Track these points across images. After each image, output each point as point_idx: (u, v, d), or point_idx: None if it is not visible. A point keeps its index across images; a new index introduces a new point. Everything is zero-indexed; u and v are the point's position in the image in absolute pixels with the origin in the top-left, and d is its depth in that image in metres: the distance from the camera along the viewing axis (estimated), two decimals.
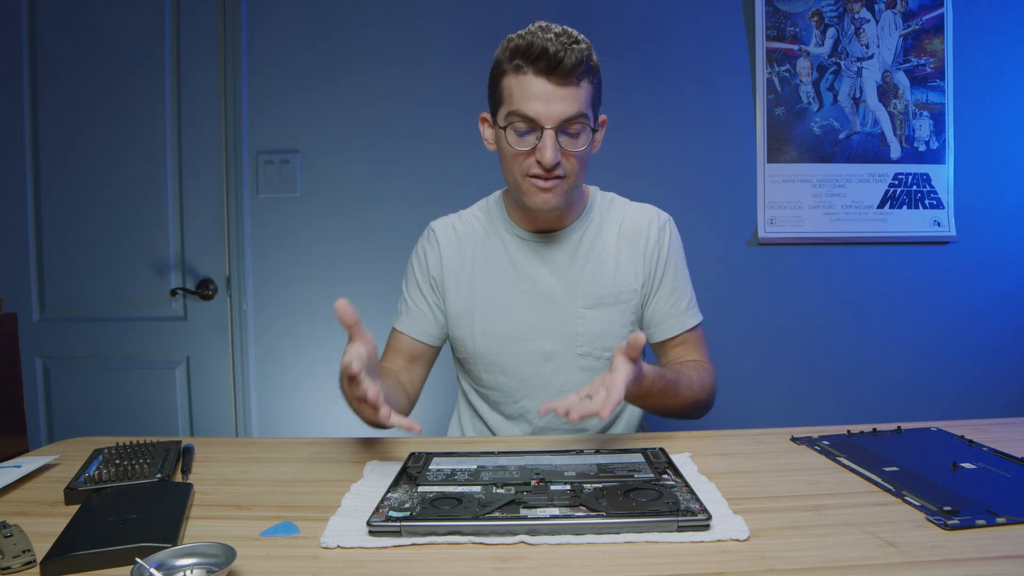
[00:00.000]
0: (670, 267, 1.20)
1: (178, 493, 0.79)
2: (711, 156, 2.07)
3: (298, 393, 2.07)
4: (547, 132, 1.03)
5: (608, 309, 1.17)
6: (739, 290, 2.08)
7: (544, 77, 1.03)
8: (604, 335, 1.17)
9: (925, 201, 2.09)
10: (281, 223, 2.05)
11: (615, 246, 1.20)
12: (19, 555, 0.63)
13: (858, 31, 2.06)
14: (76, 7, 2.02)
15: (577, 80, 1.03)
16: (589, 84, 1.06)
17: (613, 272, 1.18)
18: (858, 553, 0.62)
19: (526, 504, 0.71)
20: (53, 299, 2.07)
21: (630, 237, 1.20)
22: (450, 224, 1.26)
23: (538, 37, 1.02)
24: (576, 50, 1.02)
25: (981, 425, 1.05)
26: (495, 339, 1.18)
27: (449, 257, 1.22)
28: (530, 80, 1.03)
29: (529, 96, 1.03)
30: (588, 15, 2.04)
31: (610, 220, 1.22)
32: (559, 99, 1.03)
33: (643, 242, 1.20)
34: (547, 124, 1.03)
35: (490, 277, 1.20)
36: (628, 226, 1.21)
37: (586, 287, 1.17)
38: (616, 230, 1.21)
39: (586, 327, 1.17)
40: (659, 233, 1.20)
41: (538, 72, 1.03)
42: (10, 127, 2.03)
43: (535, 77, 1.03)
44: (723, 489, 0.78)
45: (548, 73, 1.02)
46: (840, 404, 2.10)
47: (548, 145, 1.03)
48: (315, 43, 2.03)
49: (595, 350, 1.17)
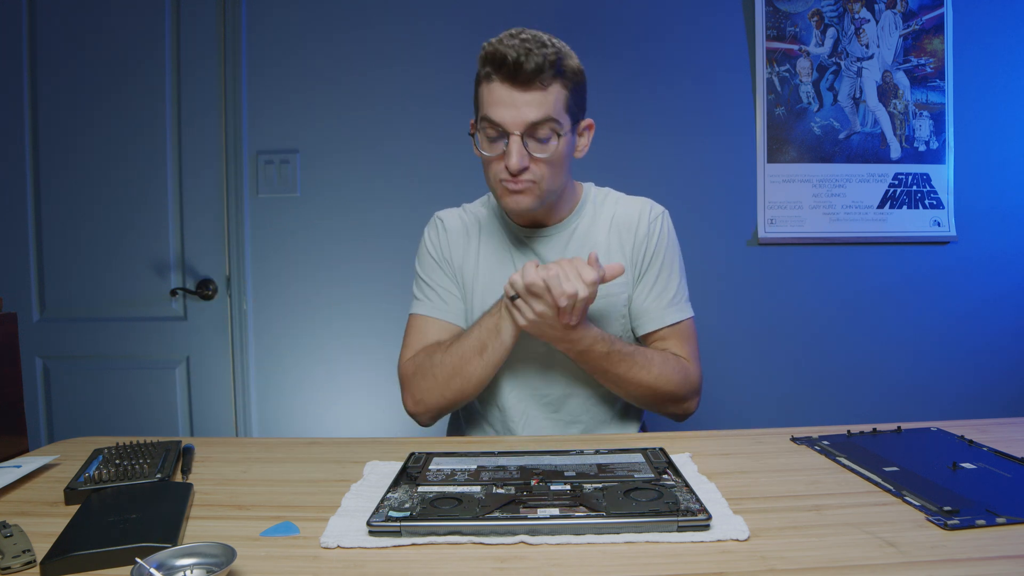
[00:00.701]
0: (656, 260, 1.19)
1: (178, 493, 0.79)
2: (711, 156, 2.07)
3: (298, 393, 2.07)
4: (512, 138, 1.04)
5: (600, 301, 1.16)
6: (739, 290, 2.08)
7: (508, 83, 1.03)
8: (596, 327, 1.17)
9: (925, 201, 2.09)
10: (281, 223, 2.05)
11: (605, 239, 1.20)
12: (19, 555, 0.63)
13: (858, 31, 2.06)
14: (76, 7, 2.02)
15: (543, 84, 1.03)
16: (562, 88, 1.06)
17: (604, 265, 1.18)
18: (858, 553, 0.62)
19: (526, 504, 0.71)
20: (53, 299, 2.07)
21: (620, 229, 1.21)
22: (456, 215, 1.28)
23: (503, 44, 1.03)
24: (539, 54, 1.01)
25: (981, 425, 1.05)
26: None
27: (457, 244, 1.24)
28: (495, 86, 1.04)
29: (495, 102, 1.04)
30: (588, 15, 2.04)
31: (603, 213, 1.22)
32: (523, 104, 1.03)
33: (632, 233, 1.20)
34: (512, 130, 1.04)
35: (492, 268, 1.21)
36: (620, 218, 1.21)
37: None
38: (608, 223, 1.21)
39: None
40: (649, 225, 1.20)
41: (502, 79, 1.03)
42: (10, 127, 2.03)
43: (500, 83, 1.04)
44: (723, 489, 0.78)
45: (511, 79, 1.03)
46: (840, 404, 2.10)
47: (513, 151, 1.04)
48: (315, 43, 2.03)
49: None
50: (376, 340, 2.03)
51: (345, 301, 2.05)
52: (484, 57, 1.05)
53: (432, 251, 1.25)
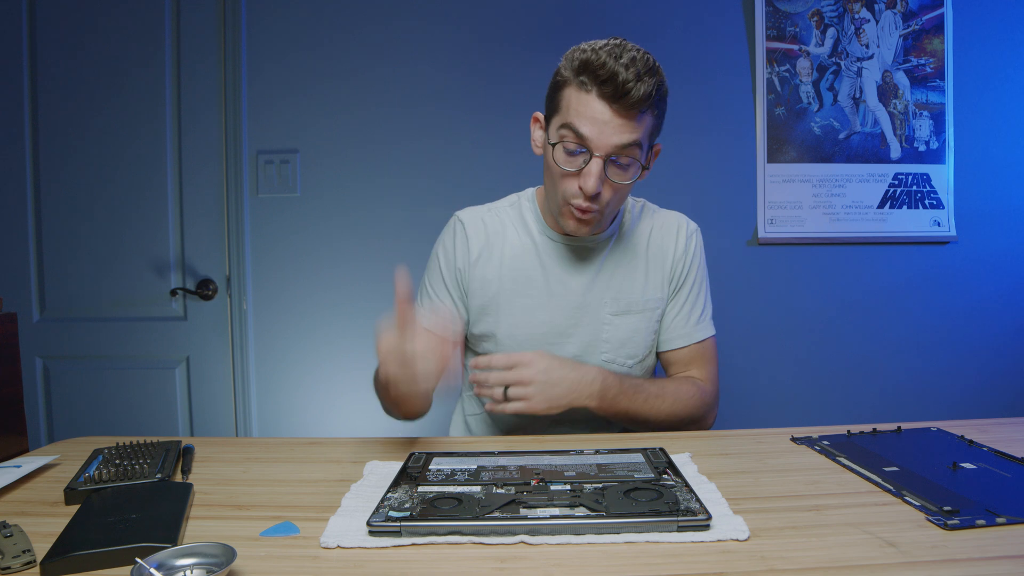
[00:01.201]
0: (690, 277, 1.20)
1: (178, 493, 0.79)
2: (711, 156, 2.07)
3: (298, 393, 2.07)
4: (595, 159, 1.00)
5: (635, 317, 1.16)
6: (739, 290, 2.08)
7: (607, 102, 0.98)
8: (629, 342, 1.17)
9: (925, 201, 2.09)
10: (281, 223, 2.05)
11: (644, 253, 1.19)
12: (19, 555, 0.63)
13: (858, 31, 2.06)
14: (76, 7, 2.01)
15: (640, 112, 0.99)
16: (653, 117, 1.03)
17: (643, 280, 1.18)
18: (858, 553, 0.62)
19: (526, 504, 0.71)
20: (53, 299, 2.07)
21: (659, 244, 1.20)
22: (479, 217, 1.22)
23: (611, 59, 0.97)
24: (648, 83, 0.97)
25: (981, 425, 1.05)
26: (520, 340, 1.17)
27: (477, 250, 1.19)
28: (592, 100, 0.99)
29: (587, 117, 0.99)
30: (588, 15, 2.04)
31: (641, 227, 1.21)
32: (616, 128, 0.99)
33: (671, 250, 1.19)
34: (598, 151, 1.00)
35: (518, 276, 1.17)
36: (657, 234, 1.20)
37: (615, 293, 1.17)
38: (646, 238, 1.20)
39: (612, 333, 1.16)
40: (687, 242, 1.20)
41: (602, 95, 0.98)
42: (10, 127, 2.03)
43: (598, 99, 0.98)
44: (723, 489, 0.78)
45: (612, 100, 0.97)
46: (840, 404, 2.10)
47: (593, 173, 1.00)
48: (315, 43, 2.03)
49: (619, 357, 1.17)
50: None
51: (345, 301, 2.05)
52: (584, 64, 0.98)
53: (442, 260, 1.21)
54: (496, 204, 1.25)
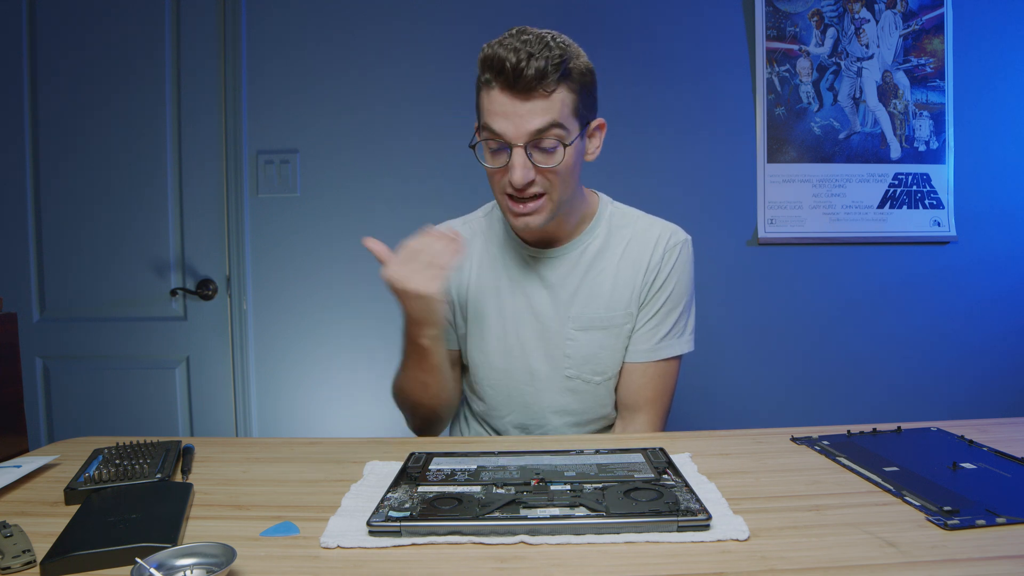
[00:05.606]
0: (663, 292, 1.11)
1: (178, 493, 0.79)
2: (711, 156, 2.07)
3: (298, 393, 2.07)
4: (516, 150, 0.97)
5: (600, 333, 1.11)
6: (739, 290, 2.08)
7: (507, 91, 0.96)
8: (594, 359, 1.12)
9: (925, 201, 2.09)
10: (281, 223, 2.05)
11: (616, 265, 1.12)
12: (19, 555, 0.63)
13: (858, 31, 2.06)
14: (76, 7, 2.01)
15: (547, 90, 0.95)
16: (568, 92, 0.98)
17: (609, 294, 1.11)
18: (858, 553, 0.62)
19: (526, 504, 0.71)
20: (53, 299, 2.07)
21: (634, 256, 1.12)
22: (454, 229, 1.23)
23: (502, 46, 0.95)
24: (541, 58, 0.93)
25: (981, 425, 1.04)
26: (485, 352, 1.16)
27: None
28: (495, 95, 0.97)
29: (495, 112, 0.98)
30: (588, 15, 2.04)
31: (618, 236, 1.14)
32: (525, 114, 0.96)
33: (644, 263, 1.12)
34: (515, 141, 0.97)
35: (485, 287, 1.16)
36: (634, 244, 1.13)
37: (579, 308, 1.11)
38: (622, 248, 1.13)
39: (575, 350, 1.12)
40: (664, 254, 1.11)
41: (502, 87, 0.96)
42: (10, 127, 2.03)
43: (499, 92, 0.97)
44: (723, 489, 0.78)
45: (510, 87, 0.95)
46: (840, 404, 2.10)
47: (517, 164, 0.97)
48: (315, 43, 2.03)
49: (583, 373, 1.13)
50: (376, 340, 2.03)
51: (345, 301, 2.05)
52: (483, 61, 0.97)
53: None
54: (471, 215, 1.25)
